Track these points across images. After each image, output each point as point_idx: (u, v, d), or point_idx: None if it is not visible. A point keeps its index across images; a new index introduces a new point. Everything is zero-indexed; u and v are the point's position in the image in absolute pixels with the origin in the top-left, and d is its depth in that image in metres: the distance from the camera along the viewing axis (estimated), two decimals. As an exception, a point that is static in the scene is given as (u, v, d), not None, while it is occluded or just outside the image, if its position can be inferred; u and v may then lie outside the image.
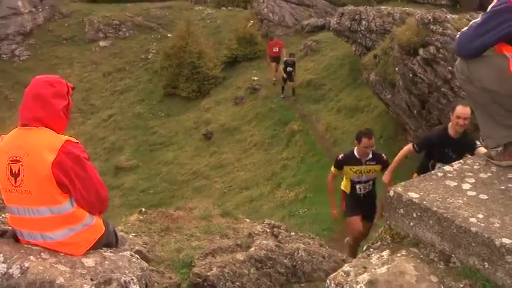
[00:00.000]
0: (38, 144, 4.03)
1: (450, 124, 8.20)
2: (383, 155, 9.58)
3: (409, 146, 8.87)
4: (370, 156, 9.33)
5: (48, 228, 4.15)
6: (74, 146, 4.12)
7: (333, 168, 9.68)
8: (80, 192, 4.13)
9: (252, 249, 6.95)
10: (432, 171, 4.49)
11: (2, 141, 4.23)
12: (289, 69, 26.85)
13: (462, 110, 7.88)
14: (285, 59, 27.48)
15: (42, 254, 4.12)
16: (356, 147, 9.35)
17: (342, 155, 9.64)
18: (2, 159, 4.08)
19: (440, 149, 8.23)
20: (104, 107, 34.35)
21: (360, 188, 9.63)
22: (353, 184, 9.65)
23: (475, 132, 8.30)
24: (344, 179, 9.89)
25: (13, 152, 4.04)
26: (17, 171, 4.01)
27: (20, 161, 3.99)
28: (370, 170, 9.45)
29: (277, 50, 29.49)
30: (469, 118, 7.78)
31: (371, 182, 9.70)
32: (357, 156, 9.34)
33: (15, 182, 4.03)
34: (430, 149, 8.48)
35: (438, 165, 7.95)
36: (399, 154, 8.94)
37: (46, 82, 4.22)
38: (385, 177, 8.92)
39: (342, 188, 9.92)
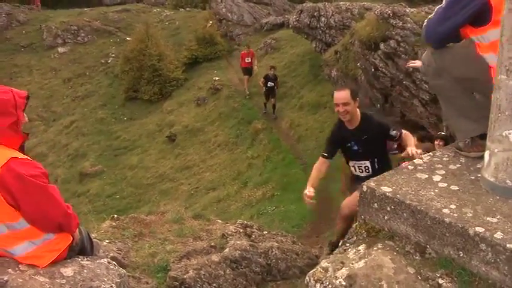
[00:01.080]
0: None
1: None
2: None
3: (320, 159, 7.23)
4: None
5: (7, 245, 4.15)
6: (19, 163, 4.04)
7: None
8: (23, 212, 4.06)
9: (227, 250, 7.00)
10: (402, 165, 4.56)
11: None
12: (270, 84, 24.46)
13: (337, 95, 6.74)
14: (271, 72, 24.62)
15: (20, 266, 4.13)
16: None
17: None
18: None
19: (343, 144, 7.15)
20: (66, 113, 33.93)
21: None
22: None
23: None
24: None
25: None
26: None
27: None
28: None
29: (249, 61, 27.62)
30: (349, 103, 6.64)
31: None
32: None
33: None
34: (337, 148, 7.24)
35: (351, 164, 7.30)
36: (314, 170, 7.21)
37: None
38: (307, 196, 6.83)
39: None
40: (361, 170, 7.24)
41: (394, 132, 6.82)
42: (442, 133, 10.78)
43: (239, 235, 7.62)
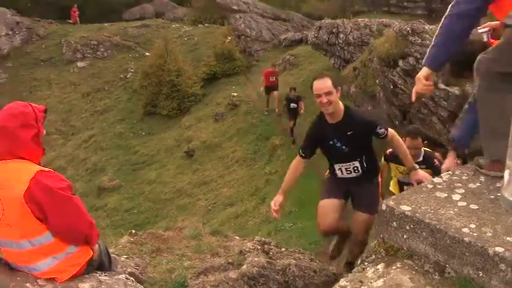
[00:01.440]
0: (9, 178, 4.04)
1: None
2: (435, 159, 7.80)
3: (297, 158, 6.77)
4: (420, 158, 7.71)
5: (31, 261, 4.16)
6: (45, 176, 4.10)
7: (382, 160, 8.31)
8: (51, 224, 4.09)
9: (244, 266, 6.97)
10: (422, 184, 4.51)
11: None
12: (293, 105, 23.21)
13: (318, 84, 6.12)
14: (292, 93, 23.36)
15: (38, 280, 4.14)
16: None
17: (391, 150, 7.82)
18: None
19: (323, 142, 6.47)
20: (84, 127, 34.09)
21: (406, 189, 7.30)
22: (400, 185, 8.28)
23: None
24: (392, 181, 8.66)
25: None
26: None
27: None
28: None
29: (274, 80, 26.81)
30: (332, 92, 6.00)
31: None
32: None
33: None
34: (316, 146, 6.62)
35: (336, 167, 6.62)
36: (289, 170, 6.87)
37: (10, 115, 4.20)
38: (274, 204, 6.85)
39: (391, 188, 8.64)
40: (349, 172, 6.58)
41: (382, 130, 6.25)
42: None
43: (257, 252, 7.59)
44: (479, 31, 5.18)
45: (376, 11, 32.52)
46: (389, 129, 6.41)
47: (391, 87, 16.70)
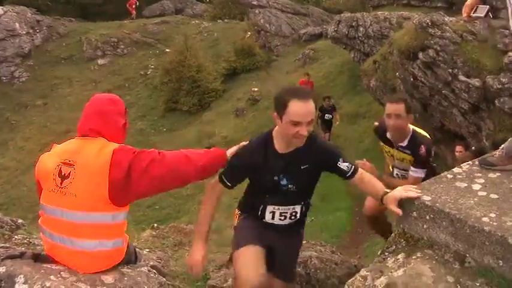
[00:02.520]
0: (95, 149, 4.08)
1: (276, 128, 4.60)
2: (423, 146, 5.94)
3: (213, 183, 4.70)
4: (405, 142, 6.10)
5: (80, 235, 4.09)
6: (122, 149, 4.14)
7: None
8: (150, 183, 4.10)
9: (266, 259, 7.00)
10: (441, 174, 4.45)
11: (55, 147, 4.31)
12: (328, 116, 22.07)
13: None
14: (326, 103, 22.27)
15: (62, 273, 4.14)
16: None
17: (378, 123, 6.70)
18: (52, 161, 4.12)
19: (263, 175, 4.56)
20: (106, 124, 34.21)
21: (397, 174, 6.51)
22: (392, 169, 6.64)
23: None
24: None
25: (67, 155, 4.09)
26: (67, 174, 4.02)
27: (73, 165, 4.02)
28: (403, 158, 6.24)
29: None
30: (310, 121, 4.24)
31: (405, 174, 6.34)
32: (387, 136, 6.35)
33: (61, 183, 4.02)
34: (247, 176, 4.71)
35: (269, 209, 4.73)
36: (205, 207, 4.80)
37: (109, 100, 4.36)
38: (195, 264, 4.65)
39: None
40: (283, 217, 4.76)
41: (346, 165, 4.50)
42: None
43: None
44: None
45: (396, 3, 32.25)
46: (359, 167, 4.61)
47: (411, 79, 16.62)
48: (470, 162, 4.59)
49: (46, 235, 4.25)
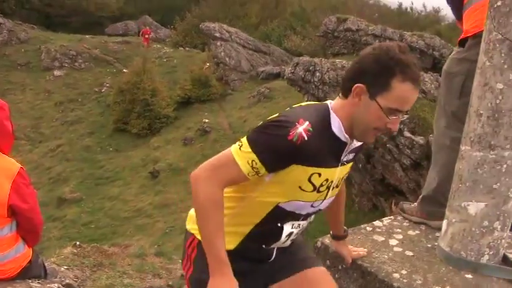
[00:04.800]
0: None
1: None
2: None
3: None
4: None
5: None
6: (25, 172, 4.15)
7: None
8: (25, 217, 4.13)
9: (184, 290, 6.91)
10: (361, 225, 4.46)
11: None
12: None
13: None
14: None
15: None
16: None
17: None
18: None
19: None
20: (53, 136, 33.85)
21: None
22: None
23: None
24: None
25: None
26: None
27: None
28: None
29: None
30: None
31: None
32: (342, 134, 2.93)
33: None
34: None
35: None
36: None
37: None
38: None
39: None
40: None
41: None
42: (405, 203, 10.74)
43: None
44: None
45: (356, 53, 32.60)
46: None
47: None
48: (392, 216, 4.60)
49: None
